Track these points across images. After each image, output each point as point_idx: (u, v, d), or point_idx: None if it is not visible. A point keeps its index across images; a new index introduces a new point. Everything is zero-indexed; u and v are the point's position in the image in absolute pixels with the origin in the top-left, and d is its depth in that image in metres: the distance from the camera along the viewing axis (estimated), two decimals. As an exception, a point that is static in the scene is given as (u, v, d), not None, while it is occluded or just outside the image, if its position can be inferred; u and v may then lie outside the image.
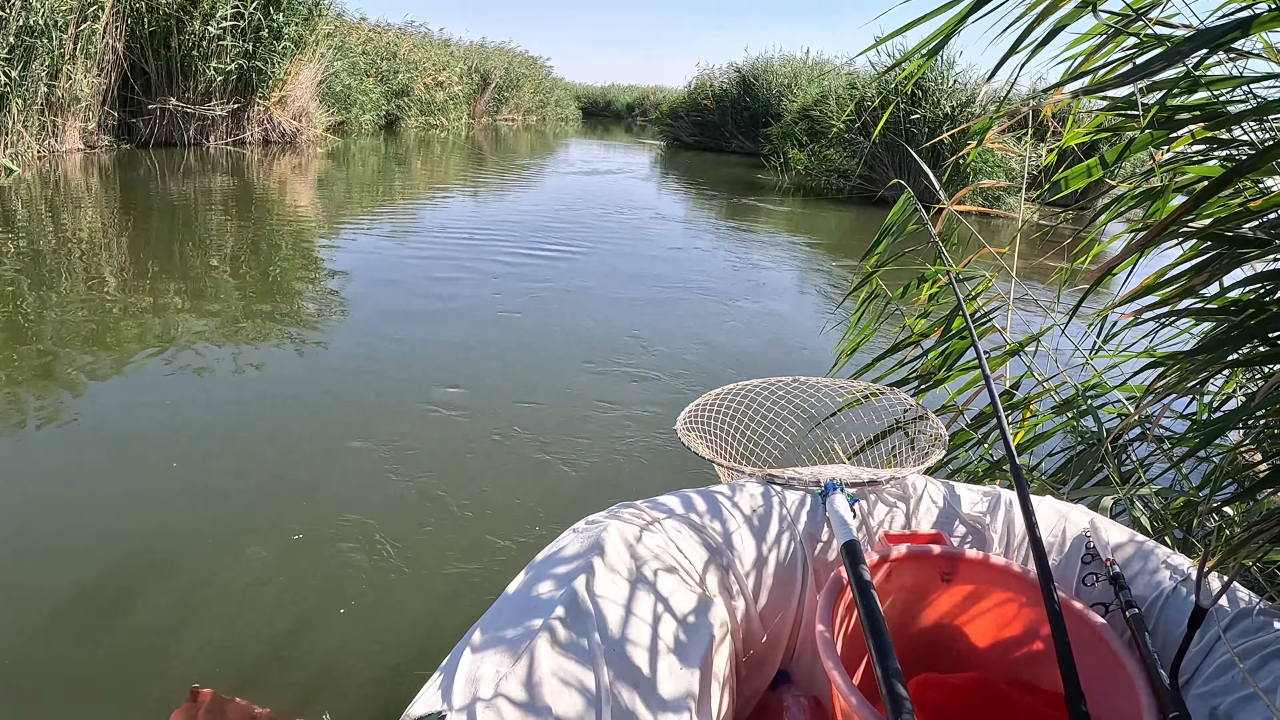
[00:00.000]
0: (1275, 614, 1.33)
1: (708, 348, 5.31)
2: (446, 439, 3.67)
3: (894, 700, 1.15)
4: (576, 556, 1.42)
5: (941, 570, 1.55)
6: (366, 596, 2.55)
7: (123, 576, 2.56)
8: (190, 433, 3.52)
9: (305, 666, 2.25)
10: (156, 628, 2.35)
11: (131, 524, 2.87)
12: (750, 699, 1.62)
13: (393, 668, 2.26)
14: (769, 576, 1.58)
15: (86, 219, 7.70)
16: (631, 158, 22.55)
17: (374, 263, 7.19)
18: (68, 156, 11.04)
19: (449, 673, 1.21)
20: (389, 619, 2.45)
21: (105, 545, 2.73)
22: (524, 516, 3.07)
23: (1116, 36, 1.90)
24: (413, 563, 2.73)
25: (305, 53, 15.03)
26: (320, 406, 3.95)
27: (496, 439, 3.70)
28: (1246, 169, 1.38)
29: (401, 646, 2.34)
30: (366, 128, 19.81)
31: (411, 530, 2.91)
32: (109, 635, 2.31)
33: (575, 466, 3.51)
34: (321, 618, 2.44)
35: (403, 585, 2.61)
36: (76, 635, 2.30)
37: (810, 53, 24.01)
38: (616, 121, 46.09)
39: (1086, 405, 2.44)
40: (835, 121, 14.66)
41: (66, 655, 2.22)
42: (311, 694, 2.14)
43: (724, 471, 1.98)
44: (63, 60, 10.51)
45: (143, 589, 2.51)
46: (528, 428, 3.83)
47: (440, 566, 2.73)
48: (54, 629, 2.31)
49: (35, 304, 5.04)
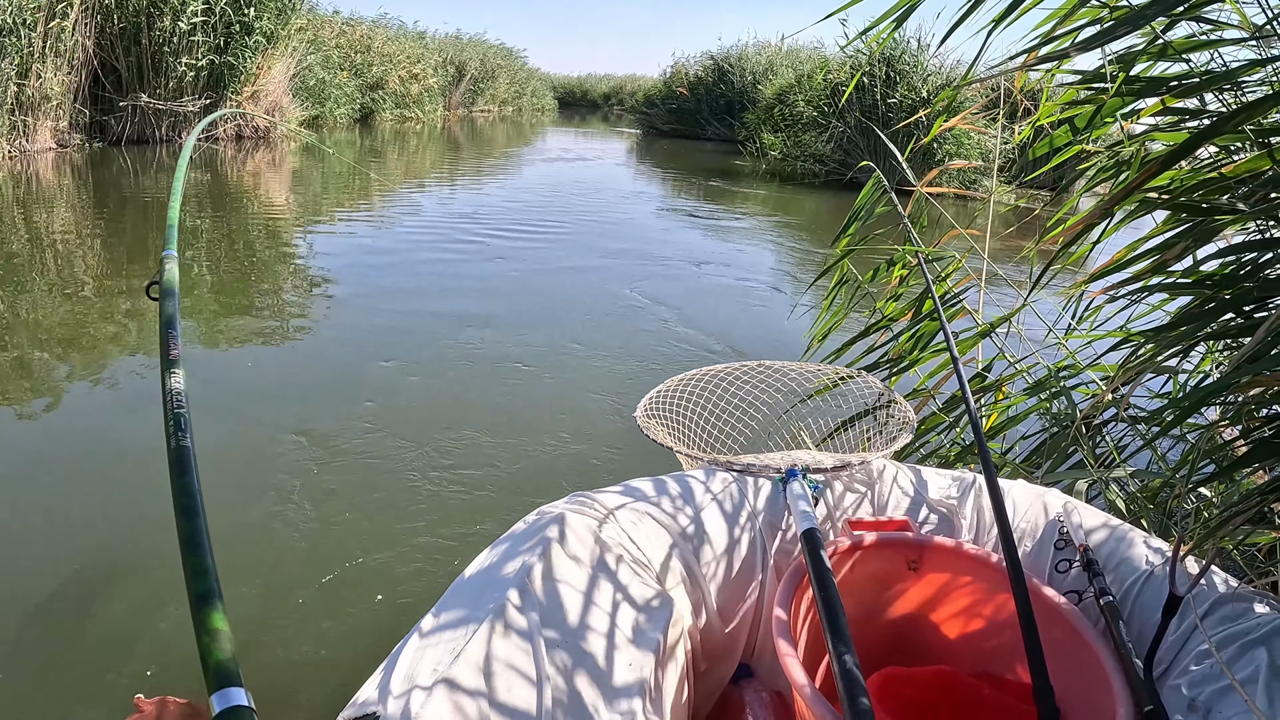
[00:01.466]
0: (1255, 599, 1.27)
1: (675, 333, 5.24)
2: (391, 427, 3.61)
3: (851, 698, 1.09)
4: (527, 548, 1.35)
5: (909, 558, 1.49)
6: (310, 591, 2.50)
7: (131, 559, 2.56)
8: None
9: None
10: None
11: (120, 514, 2.84)
12: (711, 693, 1.56)
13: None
14: (729, 567, 1.52)
15: (59, 218, 7.57)
16: (608, 146, 22.56)
17: (352, 252, 7.17)
18: (39, 156, 10.87)
19: (389, 669, 1.15)
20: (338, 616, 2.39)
21: (113, 529, 2.72)
22: (477, 506, 3.01)
23: (1086, 6, 1.84)
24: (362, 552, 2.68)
25: (278, 47, 14.86)
26: (298, 392, 3.91)
27: (446, 429, 3.63)
28: (1211, 133, 1.32)
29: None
30: (341, 121, 19.65)
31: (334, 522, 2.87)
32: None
33: (528, 456, 3.43)
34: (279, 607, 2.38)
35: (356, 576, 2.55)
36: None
37: (785, 39, 23.96)
38: (593, 111, 46.08)
39: (1059, 386, 2.39)
40: (806, 106, 14.61)
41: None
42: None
43: (685, 459, 1.92)
44: (32, 59, 10.35)
45: (123, 581, 2.47)
46: (479, 416, 3.78)
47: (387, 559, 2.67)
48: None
49: (7, 304, 4.92)
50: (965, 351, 2.65)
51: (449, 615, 1.22)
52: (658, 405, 2.05)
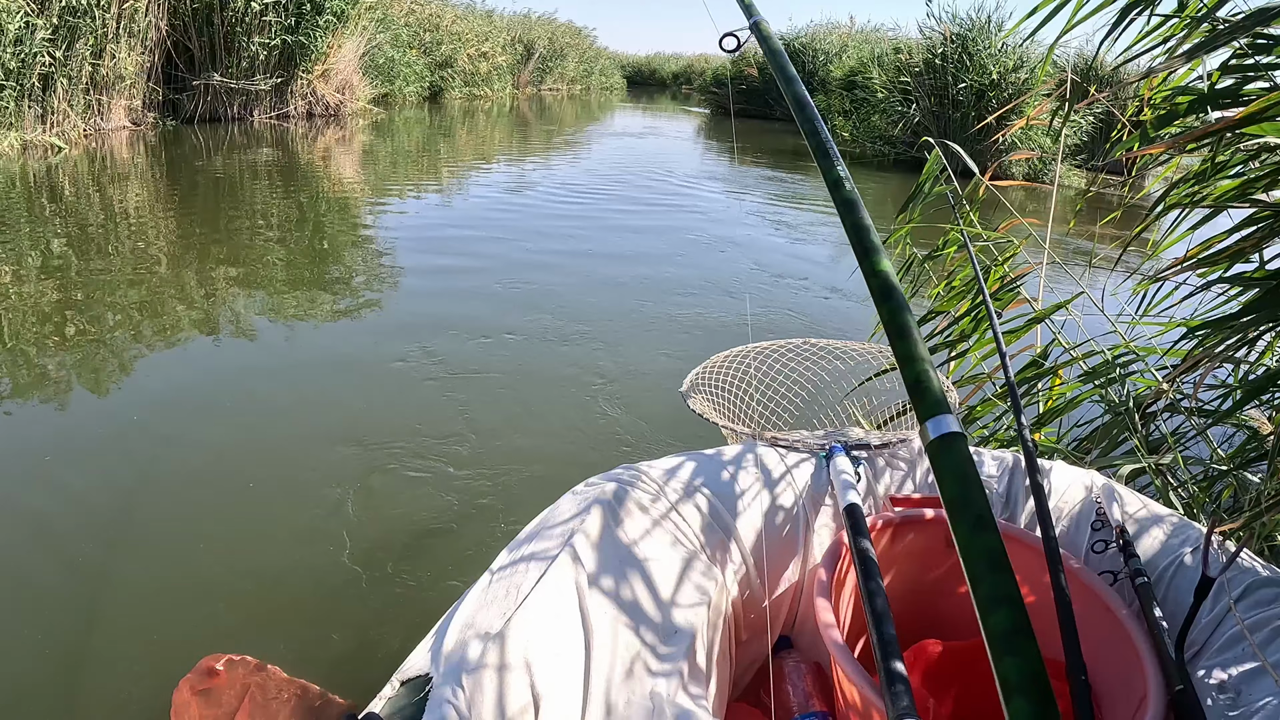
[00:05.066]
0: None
1: (729, 309, 5.29)
2: (451, 395, 3.74)
3: (888, 670, 1.12)
4: (576, 516, 1.40)
5: (947, 535, 1.50)
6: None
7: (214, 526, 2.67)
8: (257, 398, 3.64)
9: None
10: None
11: (211, 480, 2.96)
12: (752, 663, 1.59)
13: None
14: (771, 541, 1.55)
15: (134, 195, 7.79)
16: (676, 124, 22.58)
17: (421, 226, 7.36)
18: (114, 134, 11.16)
19: (440, 636, 1.20)
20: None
21: (195, 501, 2.83)
22: (526, 479, 3.08)
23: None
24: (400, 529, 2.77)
25: (348, 26, 15.04)
26: (370, 366, 4.04)
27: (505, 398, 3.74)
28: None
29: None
30: (411, 99, 19.86)
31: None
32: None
33: (581, 428, 3.51)
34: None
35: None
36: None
37: (856, 20, 23.69)
38: (661, 90, 45.93)
39: (1116, 374, 2.37)
40: (880, 87, 14.43)
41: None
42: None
43: (729, 434, 1.95)
44: (106, 39, 10.60)
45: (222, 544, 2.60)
46: (531, 388, 3.88)
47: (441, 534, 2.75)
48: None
49: (84, 279, 5.11)
50: (1020, 337, 2.64)
51: (502, 578, 1.27)
52: (704, 380, 2.08)
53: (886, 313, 0.88)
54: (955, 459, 0.74)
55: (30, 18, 9.03)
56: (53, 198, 7.35)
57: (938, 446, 0.75)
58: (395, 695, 1.15)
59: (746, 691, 1.60)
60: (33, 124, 9.69)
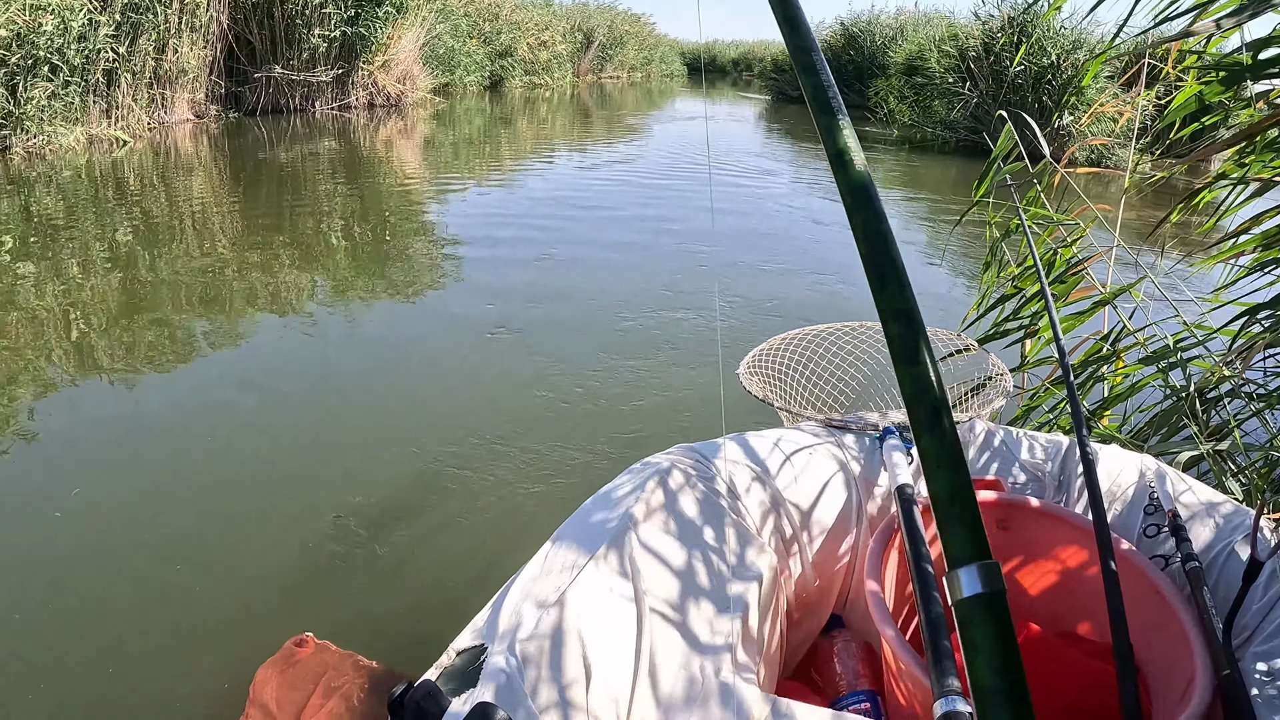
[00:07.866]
0: None
1: (794, 290, 5.39)
2: (510, 379, 3.84)
3: (936, 649, 1.13)
4: (629, 497, 1.43)
5: (998, 517, 1.52)
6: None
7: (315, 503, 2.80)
8: (329, 384, 3.75)
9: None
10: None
11: (298, 455, 3.12)
12: (803, 642, 1.62)
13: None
14: (824, 521, 1.57)
15: (198, 186, 8.00)
16: (737, 110, 22.56)
17: (484, 214, 7.48)
18: (177, 127, 11.43)
19: (495, 608, 1.24)
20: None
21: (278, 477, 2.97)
22: (586, 457, 3.15)
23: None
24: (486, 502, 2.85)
25: (407, 17, 15.21)
26: (437, 354, 4.16)
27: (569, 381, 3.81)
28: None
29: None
30: (471, 89, 20.01)
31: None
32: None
33: (639, 409, 3.57)
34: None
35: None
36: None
37: (919, 4, 23.32)
38: (722, 77, 45.77)
39: (1177, 357, 2.34)
40: (938, 69, 14.22)
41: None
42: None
43: (784, 415, 1.97)
44: (169, 34, 10.86)
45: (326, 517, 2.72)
46: (597, 368, 3.94)
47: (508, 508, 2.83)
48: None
49: (150, 269, 5.27)
50: (1083, 322, 2.61)
51: (558, 553, 1.31)
52: (760, 363, 2.11)
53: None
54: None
55: (94, 14, 9.27)
56: (118, 190, 7.59)
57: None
58: (451, 664, 1.18)
59: (798, 670, 1.62)
60: (98, 118, 9.96)
